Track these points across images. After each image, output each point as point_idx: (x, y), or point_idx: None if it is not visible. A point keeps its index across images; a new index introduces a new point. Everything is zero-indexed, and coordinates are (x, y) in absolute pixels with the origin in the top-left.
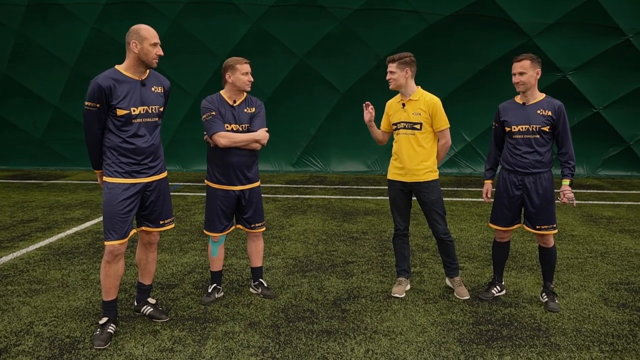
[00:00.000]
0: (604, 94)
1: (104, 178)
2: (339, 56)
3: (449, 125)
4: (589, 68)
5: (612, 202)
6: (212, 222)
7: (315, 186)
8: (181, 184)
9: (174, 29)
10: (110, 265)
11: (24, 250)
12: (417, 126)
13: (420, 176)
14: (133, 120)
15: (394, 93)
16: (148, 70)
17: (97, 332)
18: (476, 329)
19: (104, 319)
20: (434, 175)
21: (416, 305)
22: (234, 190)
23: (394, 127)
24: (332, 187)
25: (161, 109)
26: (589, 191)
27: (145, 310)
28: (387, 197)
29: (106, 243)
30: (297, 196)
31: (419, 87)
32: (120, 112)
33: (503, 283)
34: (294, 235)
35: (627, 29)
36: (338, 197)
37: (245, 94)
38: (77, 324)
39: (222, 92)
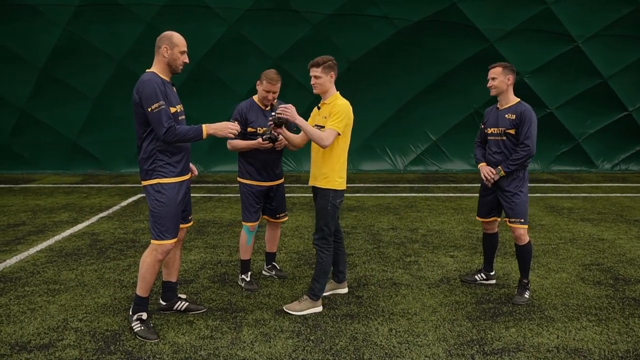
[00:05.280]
0: (557, 95)
1: (158, 180)
2: (312, 59)
3: (337, 131)
4: (543, 71)
5: (568, 195)
6: (248, 213)
7: (293, 185)
8: None
9: (149, 32)
10: (159, 263)
11: (25, 253)
12: (323, 129)
13: (317, 181)
14: (179, 118)
15: (363, 96)
16: None
17: (143, 328)
18: (480, 308)
19: (144, 314)
20: (327, 184)
21: (422, 290)
22: (264, 186)
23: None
24: (310, 185)
25: None
26: (546, 185)
27: (181, 306)
28: (366, 194)
29: (162, 242)
30: None
31: (338, 92)
32: (172, 109)
33: (492, 273)
34: (288, 232)
35: (577, 36)
36: None
37: (275, 99)
38: (112, 318)
39: (254, 97)
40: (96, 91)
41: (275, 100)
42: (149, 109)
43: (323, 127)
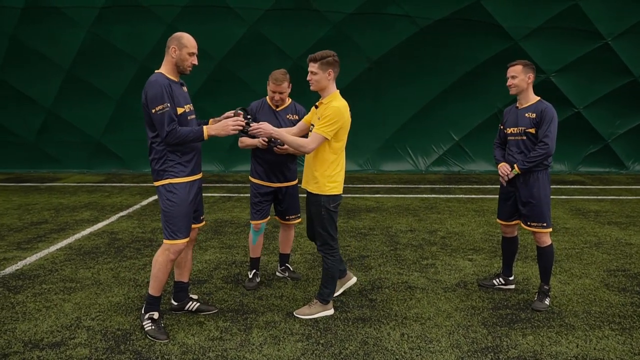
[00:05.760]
0: (585, 94)
1: (169, 181)
2: None
3: (322, 135)
4: (570, 70)
5: (595, 197)
6: (253, 212)
7: None
8: None
9: (171, 32)
10: (172, 263)
11: (45, 251)
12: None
13: (308, 185)
14: (188, 117)
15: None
16: None
17: (153, 327)
18: (496, 313)
19: (156, 314)
20: (317, 189)
21: (437, 294)
22: (271, 187)
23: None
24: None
25: None
26: (573, 187)
27: (192, 307)
28: (385, 195)
29: (174, 242)
30: None
31: (337, 91)
32: (179, 110)
33: (511, 278)
34: (304, 233)
35: (606, 33)
36: None
37: (289, 99)
38: (124, 317)
39: (267, 97)
40: (119, 92)
41: (236, 111)
42: (153, 110)
43: None
